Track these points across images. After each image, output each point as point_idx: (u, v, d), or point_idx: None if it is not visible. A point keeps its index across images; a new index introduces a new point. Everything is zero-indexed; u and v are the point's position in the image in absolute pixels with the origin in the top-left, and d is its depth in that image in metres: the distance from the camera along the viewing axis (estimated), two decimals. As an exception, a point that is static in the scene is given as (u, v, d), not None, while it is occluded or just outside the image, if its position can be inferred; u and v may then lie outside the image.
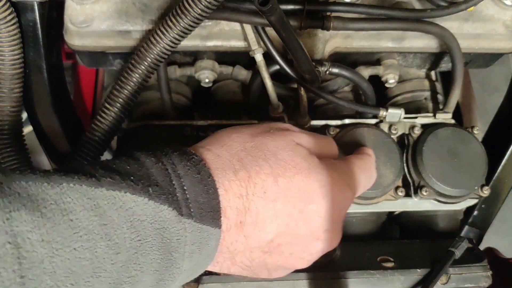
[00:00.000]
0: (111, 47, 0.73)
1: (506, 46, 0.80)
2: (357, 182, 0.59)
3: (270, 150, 0.52)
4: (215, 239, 0.49)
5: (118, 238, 0.42)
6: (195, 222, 0.47)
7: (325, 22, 0.71)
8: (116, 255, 0.41)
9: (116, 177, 0.44)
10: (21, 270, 0.36)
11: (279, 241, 0.52)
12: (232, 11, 0.68)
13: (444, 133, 0.75)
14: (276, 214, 0.51)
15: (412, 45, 0.79)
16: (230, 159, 0.51)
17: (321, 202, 0.52)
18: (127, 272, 0.43)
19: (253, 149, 0.52)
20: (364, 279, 0.68)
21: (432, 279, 0.68)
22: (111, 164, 0.46)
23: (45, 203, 0.39)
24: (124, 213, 0.43)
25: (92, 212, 0.41)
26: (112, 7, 0.72)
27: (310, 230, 0.53)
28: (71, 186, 0.41)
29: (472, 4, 0.72)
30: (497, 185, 0.85)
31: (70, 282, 0.39)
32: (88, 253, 0.40)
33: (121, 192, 0.43)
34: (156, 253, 0.45)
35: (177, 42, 0.65)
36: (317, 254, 0.55)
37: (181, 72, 0.80)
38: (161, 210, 0.45)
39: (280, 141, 0.54)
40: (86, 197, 0.41)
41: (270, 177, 0.51)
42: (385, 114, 0.76)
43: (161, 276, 0.46)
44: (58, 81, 0.78)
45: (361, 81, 0.78)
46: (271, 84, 0.74)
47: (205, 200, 0.48)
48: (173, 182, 0.47)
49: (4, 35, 0.68)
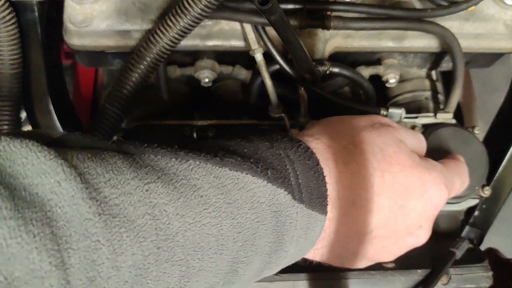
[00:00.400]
0: (110, 47, 0.73)
1: (507, 46, 0.80)
2: (452, 184, 0.60)
3: (377, 145, 0.53)
4: (320, 225, 0.50)
5: (241, 218, 0.43)
6: (305, 207, 0.48)
7: (325, 21, 0.71)
8: (238, 234, 0.43)
9: (238, 158, 0.45)
10: (158, 241, 0.37)
11: (376, 233, 0.53)
12: (232, 11, 0.68)
13: (445, 133, 0.75)
14: (379, 208, 0.52)
15: (413, 45, 0.79)
16: (341, 151, 0.52)
17: (420, 199, 0.54)
18: (244, 252, 0.44)
19: (361, 143, 0.54)
20: (364, 279, 0.68)
21: (432, 280, 0.68)
22: (228, 146, 0.47)
23: (176, 178, 0.40)
24: (246, 194, 0.44)
25: (218, 190, 0.42)
26: (112, 6, 0.72)
27: (406, 226, 0.54)
28: (197, 164, 0.42)
29: (472, 4, 0.71)
30: (498, 185, 0.85)
31: (198, 257, 0.40)
32: (215, 230, 0.41)
33: (242, 173, 0.44)
34: (270, 236, 0.46)
35: (176, 41, 0.65)
36: (406, 249, 0.57)
37: (181, 71, 0.80)
38: (278, 193, 0.46)
39: (386, 137, 0.55)
40: (212, 176, 0.42)
41: (377, 171, 0.52)
42: (385, 114, 0.76)
43: (269, 259, 0.47)
44: (57, 81, 0.78)
45: (362, 80, 0.78)
46: (271, 83, 0.74)
47: (316, 186, 0.49)
48: (287, 167, 0.48)
49: (3, 34, 0.68)
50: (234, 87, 0.83)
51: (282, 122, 0.77)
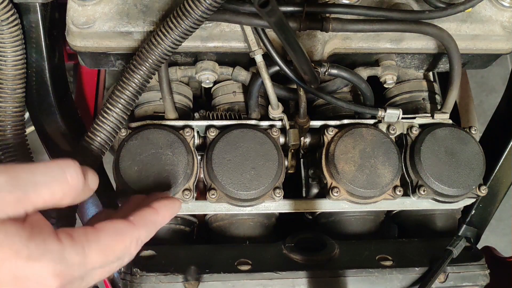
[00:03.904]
0: (112, 48, 0.74)
1: (503, 47, 0.81)
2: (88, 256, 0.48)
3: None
4: None
5: None
6: None
7: (324, 23, 0.71)
8: None
9: None
10: None
11: None
12: (233, 13, 0.69)
13: (442, 133, 0.76)
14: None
15: (411, 46, 0.80)
16: None
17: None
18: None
19: None
20: (362, 277, 0.69)
21: (430, 278, 0.68)
22: None
23: None
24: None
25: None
26: (114, 8, 0.72)
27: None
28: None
29: (470, 6, 0.72)
30: (494, 185, 0.86)
31: None
32: None
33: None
34: None
35: (178, 43, 0.66)
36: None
37: (182, 73, 0.81)
38: None
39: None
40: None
41: None
42: (383, 115, 0.76)
43: None
44: (60, 82, 0.79)
45: (360, 81, 0.78)
46: (270, 84, 0.75)
47: None
48: None
49: (6, 36, 0.69)
50: (234, 88, 0.83)
51: (281, 123, 0.78)
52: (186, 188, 0.72)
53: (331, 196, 0.73)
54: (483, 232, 0.87)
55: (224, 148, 0.72)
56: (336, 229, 0.80)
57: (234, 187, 0.70)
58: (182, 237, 0.79)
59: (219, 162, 0.71)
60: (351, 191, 0.73)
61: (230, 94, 0.83)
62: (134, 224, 0.53)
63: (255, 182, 0.71)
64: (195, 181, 0.73)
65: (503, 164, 0.85)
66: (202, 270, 0.67)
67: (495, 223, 0.90)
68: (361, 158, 0.73)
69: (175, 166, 0.70)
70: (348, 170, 0.72)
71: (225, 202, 0.73)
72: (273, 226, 0.80)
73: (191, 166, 0.72)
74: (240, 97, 0.83)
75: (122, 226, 0.52)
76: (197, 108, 0.83)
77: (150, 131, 0.70)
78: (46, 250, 0.44)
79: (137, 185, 0.69)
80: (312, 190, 0.84)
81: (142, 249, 0.69)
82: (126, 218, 0.53)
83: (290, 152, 0.80)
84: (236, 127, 0.74)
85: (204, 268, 0.68)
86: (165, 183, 0.69)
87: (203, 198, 0.74)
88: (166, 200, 0.59)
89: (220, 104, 0.83)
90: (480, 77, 1.93)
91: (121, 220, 0.52)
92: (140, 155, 0.70)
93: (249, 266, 0.69)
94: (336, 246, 0.72)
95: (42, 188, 0.45)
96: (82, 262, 0.47)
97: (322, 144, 0.77)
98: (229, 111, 0.81)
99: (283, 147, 0.77)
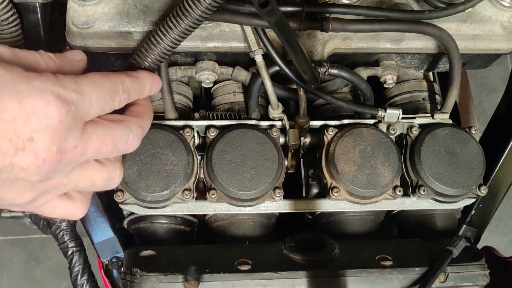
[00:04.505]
0: (112, 48, 0.74)
1: (503, 47, 0.81)
2: (81, 94, 0.55)
3: None
4: None
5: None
6: None
7: (324, 23, 0.71)
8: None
9: None
10: None
11: None
12: (233, 13, 0.69)
13: (442, 133, 0.76)
14: None
15: (410, 46, 0.80)
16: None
17: (18, 109, 0.50)
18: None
19: None
20: (362, 277, 0.69)
21: (430, 278, 0.68)
22: None
23: None
24: None
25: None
26: (114, 8, 0.72)
27: (9, 140, 0.50)
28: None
29: (470, 6, 0.72)
30: (494, 185, 0.86)
31: None
32: None
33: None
34: None
35: (177, 43, 0.66)
36: (26, 170, 0.51)
37: (182, 73, 0.81)
38: None
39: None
40: None
41: None
42: (383, 115, 0.77)
43: None
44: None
45: (360, 81, 0.78)
46: (270, 84, 0.75)
47: None
48: None
49: (6, 36, 0.69)
50: (234, 88, 0.83)
51: (281, 123, 0.78)
52: (186, 188, 0.72)
53: (331, 196, 0.73)
54: (483, 232, 0.87)
55: (224, 148, 0.72)
56: (336, 229, 0.80)
57: (234, 187, 0.70)
58: (182, 237, 0.79)
59: (219, 162, 0.71)
60: (351, 191, 0.73)
61: (230, 94, 0.83)
62: (119, 72, 0.62)
63: (255, 182, 0.71)
64: (195, 181, 0.73)
65: (503, 164, 0.85)
66: (202, 270, 0.67)
67: (495, 223, 0.90)
68: (361, 158, 0.73)
69: (175, 166, 0.70)
70: (348, 170, 0.72)
71: (225, 202, 0.73)
72: (273, 226, 0.80)
73: (191, 166, 0.72)
74: (240, 97, 0.83)
75: (107, 72, 0.60)
76: (197, 108, 0.83)
77: (150, 131, 0.70)
78: (43, 75, 0.52)
79: (137, 185, 0.69)
80: (312, 190, 0.84)
81: (142, 249, 0.70)
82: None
83: (290, 152, 0.80)
84: (236, 127, 0.74)
85: (204, 268, 0.68)
86: (165, 183, 0.70)
87: (203, 198, 0.74)
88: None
89: (220, 104, 0.83)
90: (480, 77, 1.93)
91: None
92: (140, 155, 0.70)
93: (249, 266, 0.69)
94: (336, 246, 0.73)
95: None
96: (76, 90, 0.53)
97: (322, 144, 0.77)
98: (229, 111, 0.81)
99: (283, 147, 0.77)
